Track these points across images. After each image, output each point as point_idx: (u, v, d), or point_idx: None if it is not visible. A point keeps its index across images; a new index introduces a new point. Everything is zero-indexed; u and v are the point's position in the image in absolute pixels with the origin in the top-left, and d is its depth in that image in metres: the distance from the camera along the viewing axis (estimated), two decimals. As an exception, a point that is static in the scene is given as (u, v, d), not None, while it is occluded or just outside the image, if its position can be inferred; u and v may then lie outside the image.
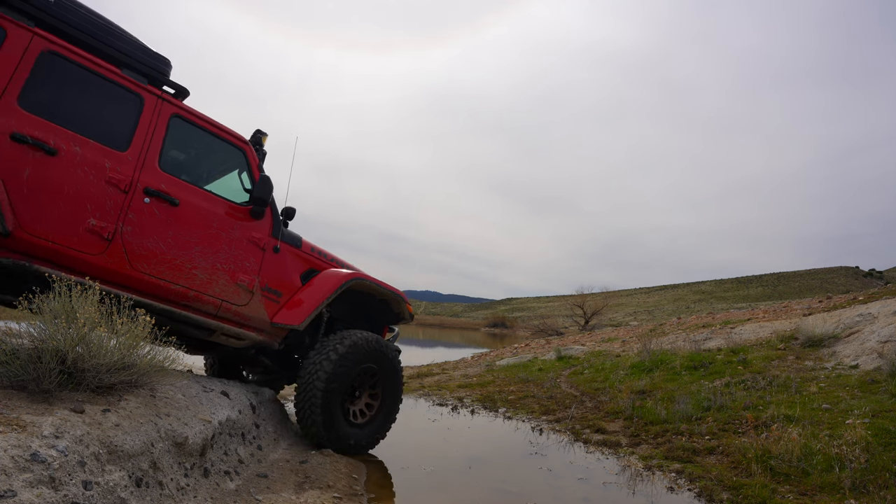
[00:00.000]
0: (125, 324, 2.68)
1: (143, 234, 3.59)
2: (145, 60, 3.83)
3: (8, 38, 3.22)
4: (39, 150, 3.22)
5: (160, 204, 3.67)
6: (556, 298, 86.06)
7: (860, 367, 6.61)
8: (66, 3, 3.52)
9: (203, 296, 3.85)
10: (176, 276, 3.73)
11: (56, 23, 3.47)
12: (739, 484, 3.94)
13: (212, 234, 3.92)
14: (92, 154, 3.43)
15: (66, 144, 3.33)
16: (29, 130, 3.19)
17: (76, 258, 3.34)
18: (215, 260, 3.93)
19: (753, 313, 14.77)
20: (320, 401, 4.18)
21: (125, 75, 3.70)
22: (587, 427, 5.98)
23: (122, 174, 3.53)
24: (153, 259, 3.63)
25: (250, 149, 4.29)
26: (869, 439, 4.20)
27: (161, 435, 2.61)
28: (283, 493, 3.18)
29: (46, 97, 3.34)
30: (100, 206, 3.42)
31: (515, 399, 7.74)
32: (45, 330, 2.48)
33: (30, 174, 3.18)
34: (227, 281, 3.98)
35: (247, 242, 4.11)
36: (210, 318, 3.94)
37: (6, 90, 3.16)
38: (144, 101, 3.77)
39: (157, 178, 3.70)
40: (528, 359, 12.25)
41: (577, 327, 35.09)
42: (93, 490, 2.09)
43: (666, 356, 8.81)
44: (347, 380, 4.35)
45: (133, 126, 3.68)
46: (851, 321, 8.43)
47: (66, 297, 2.57)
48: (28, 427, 2.07)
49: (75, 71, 3.47)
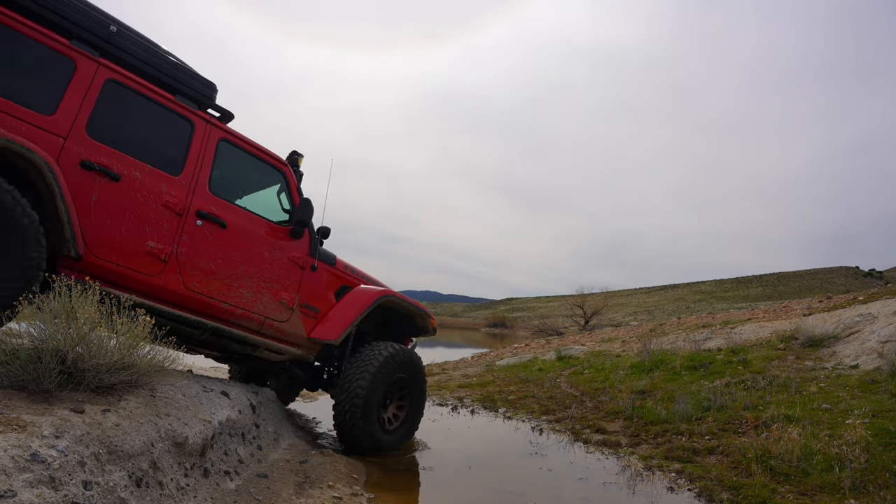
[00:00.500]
0: (125, 324, 2.68)
1: (196, 255, 3.78)
2: (195, 86, 4.02)
3: (78, 69, 3.40)
4: (105, 176, 3.39)
5: (210, 226, 3.87)
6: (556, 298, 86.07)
7: (860, 367, 6.61)
8: (126, 33, 3.70)
9: (248, 313, 4.06)
10: (225, 294, 3.92)
11: (117, 52, 3.65)
12: (739, 484, 3.94)
13: (256, 253, 4.12)
14: (150, 179, 3.61)
15: (128, 170, 3.51)
16: (96, 157, 3.36)
17: (136, 279, 3.52)
18: (260, 278, 4.13)
19: (753, 313, 14.77)
20: (361, 409, 4.42)
21: (179, 101, 3.89)
22: (587, 427, 5.98)
23: (177, 198, 3.72)
24: (204, 278, 3.82)
25: (290, 170, 4.50)
26: (869, 439, 4.20)
27: (161, 435, 2.61)
28: (283, 493, 3.18)
29: (110, 124, 3.51)
30: (157, 228, 3.60)
31: (515, 399, 7.74)
32: (45, 330, 2.48)
33: (96, 199, 3.35)
34: (270, 298, 4.19)
35: (288, 262, 4.33)
36: (255, 335, 4.15)
37: (76, 119, 3.33)
38: (195, 126, 3.95)
39: (208, 201, 3.89)
40: (528, 359, 12.25)
41: (577, 327, 35.09)
42: (93, 490, 2.09)
43: (666, 356, 8.81)
44: (383, 389, 4.62)
45: (186, 151, 3.87)
46: (851, 321, 8.43)
47: (66, 297, 2.57)
48: (28, 427, 2.07)
49: (135, 98, 3.65)
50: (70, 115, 3.31)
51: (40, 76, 3.29)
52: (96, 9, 3.61)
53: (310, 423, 5.61)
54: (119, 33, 3.65)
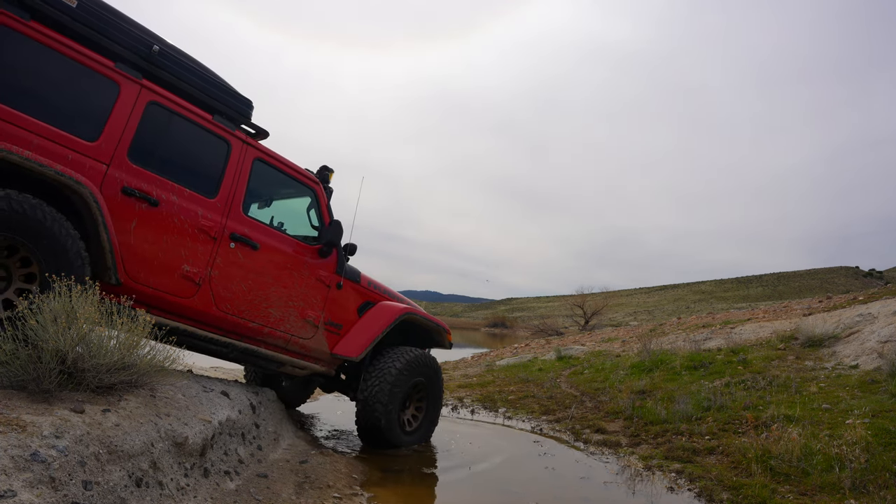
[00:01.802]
0: (125, 324, 2.68)
1: (228, 278, 3.80)
2: (232, 104, 3.96)
3: (121, 93, 3.35)
4: (144, 201, 3.38)
5: (243, 248, 3.88)
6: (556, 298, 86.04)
7: (860, 367, 6.61)
8: (167, 52, 3.64)
9: (276, 331, 4.11)
10: (254, 314, 3.96)
11: (158, 72, 3.58)
12: (739, 484, 3.94)
13: (285, 274, 4.15)
14: (187, 203, 3.60)
15: (166, 194, 3.49)
16: (136, 183, 3.35)
17: (171, 302, 3.55)
18: (288, 298, 4.17)
19: (753, 313, 14.76)
20: (383, 412, 4.56)
21: (216, 122, 3.84)
22: (587, 427, 5.98)
23: (212, 221, 3.72)
24: (236, 300, 3.85)
25: (321, 189, 4.53)
26: (869, 439, 4.20)
27: (161, 435, 2.61)
28: (283, 493, 3.18)
29: (150, 148, 3.49)
30: (192, 252, 3.61)
31: (515, 399, 7.74)
32: (45, 330, 2.48)
33: (136, 225, 3.34)
34: (297, 317, 4.24)
35: (315, 280, 4.36)
36: (281, 353, 4.23)
37: (119, 145, 3.30)
38: (232, 147, 3.91)
39: (242, 223, 3.89)
40: (528, 359, 12.26)
41: (577, 327, 35.08)
42: (93, 490, 2.09)
43: (666, 356, 8.81)
44: (404, 391, 4.76)
45: (222, 172, 3.84)
46: (851, 321, 8.43)
47: (66, 297, 2.57)
48: (28, 427, 2.07)
49: (175, 120, 3.62)
50: (113, 140, 3.29)
51: (85, 101, 3.27)
52: (139, 27, 3.55)
53: (310, 423, 5.61)
54: (161, 53, 3.59)
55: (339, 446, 4.72)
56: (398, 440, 4.74)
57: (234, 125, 3.97)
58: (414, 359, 4.84)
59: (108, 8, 3.40)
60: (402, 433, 4.84)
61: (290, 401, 5.97)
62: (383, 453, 4.67)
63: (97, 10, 3.33)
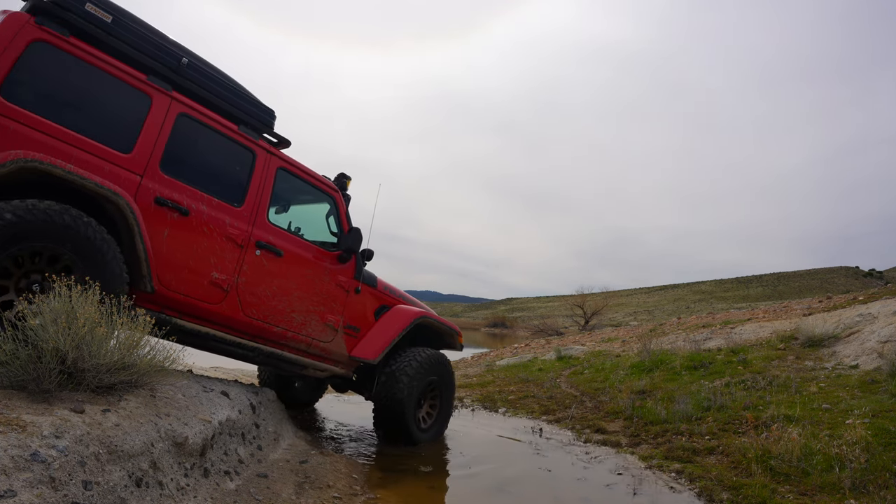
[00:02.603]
0: (125, 324, 2.68)
1: (254, 284, 3.92)
2: (256, 115, 4.08)
3: (153, 105, 3.45)
4: (176, 211, 3.48)
5: (268, 255, 4.00)
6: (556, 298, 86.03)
7: (860, 367, 6.61)
8: (195, 64, 3.75)
9: (298, 335, 4.24)
10: (278, 319, 4.09)
11: (187, 84, 3.69)
12: (739, 484, 3.94)
13: (307, 279, 4.29)
14: (215, 211, 3.71)
15: (196, 204, 3.60)
16: (168, 194, 3.45)
17: (200, 308, 3.67)
18: (309, 303, 4.30)
19: (753, 313, 14.76)
20: (401, 408, 4.72)
21: (242, 132, 3.95)
22: (587, 427, 5.98)
23: (239, 229, 3.83)
24: (261, 305, 3.98)
25: (340, 196, 4.66)
26: (869, 439, 4.20)
27: (161, 435, 2.61)
28: (283, 493, 3.18)
29: (181, 159, 3.59)
30: (220, 260, 3.72)
31: (515, 399, 7.74)
32: (45, 330, 2.48)
33: (168, 235, 3.45)
34: (318, 321, 4.38)
35: (335, 286, 4.51)
36: (303, 356, 4.37)
37: (152, 156, 3.41)
38: (257, 156, 4.03)
39: (266, 230, 4.01)
40: (528, 359, 12.26)
41: (577, 327, 35.07)
42: (93, 490, 2.09)
43: (666, 356, 8.81)
44: (420, 390, 4.93)
45: (248, 182, 3.96)
46: (851, 321, 8.43)
47: (66, 297, 2.57)
48: (28, 427, 2.07)
49: (203, 131, 3.72)
50: (146, 152, 3.38)
51: (120, 113, 3.36)
52: (168, 40, 3.64)
53: (310, 423, 5.61)
54: (189, 65, 3.68)
55: (344, 445, 4.72)
56: (415, 437, 4.87)
57: (258, 135, 4.08)
58: (428, 358, 5.00)
59: (139, 22, 3.50)
60: (418, 430, 4.99)
61: (302, 401, 6.15)
62: (383, 453, 4.67)
63: (130, 25, 3.43)
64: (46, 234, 2.81)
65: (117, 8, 3.40)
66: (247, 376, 7.28)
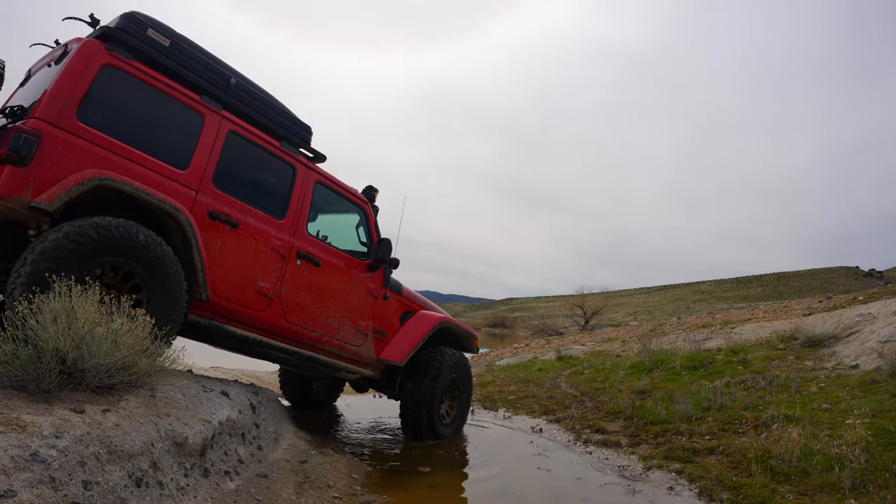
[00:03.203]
0: (125, 324, 2.68)
1: (295, 292, 4.16)
2: (295, 131, 4.31)
3: (206, 124, 3.67)
4: (227, 224, 3.71)
5: (308, 265, 4.26)
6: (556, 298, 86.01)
7: (860, 367, 6.61)
8: (242, 84, 3.96)
9: (333, 340, 4.51)
10: (315, 324, 4.34)
11: (234, 102, 3.90)
12: (739, 484, 3.94)
13: (341, 287, 4.55)
14: (261, 224, 3.94)
15: (244, 217, 3.83)
16: (220, 208, 3.67)
17: (247, 314, 3.89)
18: (343, 309, 4.57)
19: (753, 313, 14.76)
20: (426, 407, 5.10)
21: (283, 148, 4.19)
22: (587, 427, 5.97)
23: (282, 240, 4.07)
24: (301, 312, 4.22)
25: (370, 208, 4.92)
26: (869, 439, 4.20)
27: (161, 435, 2.61)
28: (283, 493, 3.18)
29: (230, 174, 3.81)
30: (266, 269, 3.96)
31: (515, 399, 7.74)
32: (45, 330, 2.48)
33: (219, 246, 3.67)
34: (350, 326, 4.64)
35: (365, 293, 4.78)
36: (337, 359, 4.64)
37: (205, 172, 3.62)
38: (297, 171, 4.27)
39: (306, 241, 4.27)
40: (528, 359, 12.26)
41: (577, 327, 35.06)
42: (93, 490, 2.09)
43: (666, 356, 8.81)
44: (442, 388, 5.25)
45: (289, 195, 4.20)
46: (851, 321, 8.43)
47: (66, 297, 2.57)
48: (28, 427, 2.07)
49: (249, 148, 3.95)
50: (200, 168, 3.60)
51: (177, 132, 3.56)
52: (218, 61, 3.85)
53: (310, 423, 5.61)
54: (237, 85, 3.89)
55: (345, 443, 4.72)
56: (439, 432, 5.23)
57: (297, 150, 4.32)
58: (450, 359, 5.35)
59: (192, 44, 3.72)
60: (441, 426, 5.31)
61: (321, 402, 6.44)
62: (383, 454, 4.68)
63: (184, 47, 3.65)
64: (123, 250, 3.04)
65: (173, 32, 3.61)
66: (247, 376, 7.29)
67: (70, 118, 3.05)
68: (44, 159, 2.92)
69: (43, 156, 2.92)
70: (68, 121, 3.04)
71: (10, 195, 2.82)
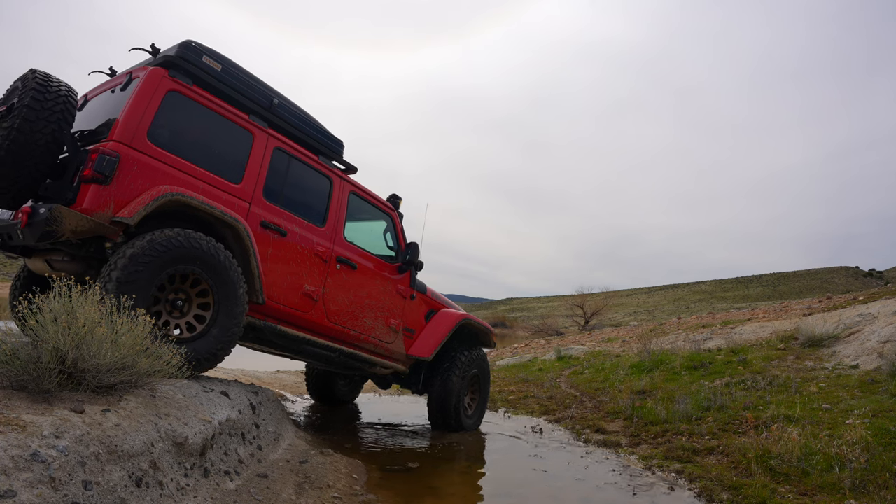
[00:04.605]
0: (125, 324, 2.68)
1: (336, 293, 4.52)
2: (329, 145, 4.67)
3: (255, 141, 4.00)
4: (277, 233, 4.04)
5: (346, 268, 4.62)
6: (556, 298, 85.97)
7: (860, 367, 6.62)
8: (283, 104, 4.29)
9: (368, 337, 4.87)
10: (354, 323, 4.71)
11: (277, 120, 4.24)
12: (739, 484, 3.94)
13: (375, 288, 4.93)
14: (305, 232, 4.28)
15: (291, 226, 4.17)
16: (270, 218, 4.02)
17: (295, 316, 4.23)
18: (377, 308, 4.94)
19: (753, 313, 14.76)
20: (454, 401, 5.54)
21: (321, 162, 4.54)
22: (587, 427, 5.98)
23: (324, 247, 4.43)
24: (341, 312, 4.58)
25: (396, 215, 5.33)
26: (869, 439, 4.20)
27: (161, 435, 2.61)
28: (283, 493, 3.18)
29: (277, 187, 4.14)
30: (311, 274, 4.30)
31: (515, 399, 7.74)
32: (45, 330, 2.48)
33: (271, 253, 4.00)
34: (383, 324, 5.01)
35: (395, 293, 5.16)
36: (372, 355, 4.99)
37: (256, 185, 3.96)
38: (333, 182, 4.62)
39: (343, 247, 4.63)
40: (528, 359, 12.26)
41: (577, 327, 35.06)
42: (93, 490, 2.09)
43: (666, 356, 8.81)
44: (468, 382, 5.76)
45: (327, 205, 4.55)
46: (851, 321, 8.43)
47: (66, 297, 2.57)
48: (28, 427, 2.07)
49: (292, 162, 4.28)
50: (252, 181, 3.93)
51: (231, 149, 3.88)
52: (261, 83, 4.18)
53: (310, 423, 5.61)
54: (279, 104, 4.23)
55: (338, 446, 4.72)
56: (463, 423, 5.67)
57: (331, 163, 4.66)
58: (472, 354, 5.80)
59: (239, 68, 4.04)
60: (465, 417, 5.73)
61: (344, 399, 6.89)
62: (382, 454, 4.68)
63: (233, 71, 3.97)
64: (196, 258, 3.36)
65: (223, 57, 3.93)
66: (246, 376, 7.29)
67: (142, 140, 3.37)
68: (122, 178, 3.24)
69: (121, 175, 3.23)
70: (141, 142, 3.36)
71: (96, 211, 3.15)
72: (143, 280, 3.14)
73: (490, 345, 6.39)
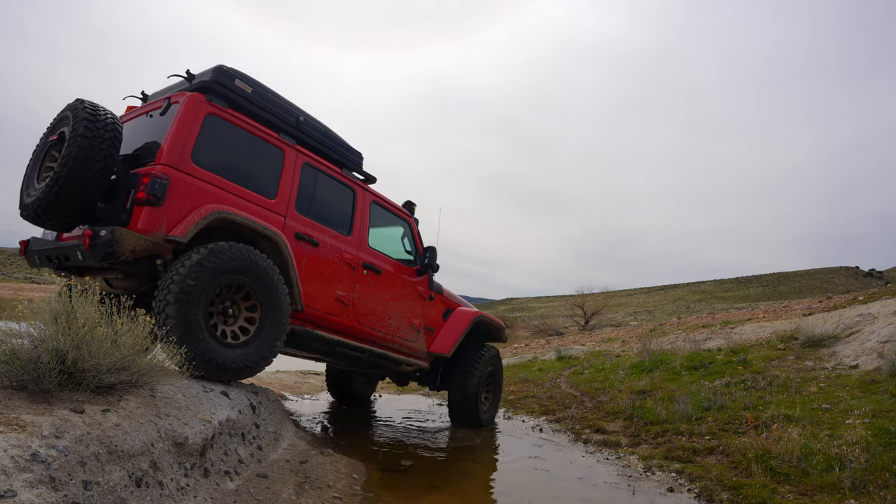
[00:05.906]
0: (125, 324, 2.68)
1: (364, 298, 4.77)
2: (350, 158, 4.91)
3: (286, 157, 4.23)
4: (309, 243, 4.28)
5: (372, 274, 4.88)
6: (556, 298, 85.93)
7: (860, 367, 6.61)
8: (308, 121, 4.52)
9: (394, 337, 5.14)
10: (380, 325, 4.97)
11: (303, 137, 4.48)
12: (739, 484, 3.94)
13: (398, 291, 5.20)
14: (334, 241, 4.53)
15: (322, 236, 4.41)
16: (303, 230, 4.26)
17: (328, 320, 4.48)
18: (400, 310, 5.21)
19: (753, 313, 14.76)
20: (473, 397, 5.87)
21: (344, 174, 4.79)
22: (587, 427, 5.98)
23: (351, 255, 4.68)
24: (369, 315, 4.84)
25: (413, 221, 5.62)
26: (869, 439, 4.20)
27: (161, 435, 2.60)
28: (283, 493, 3.18)
29: (308, 200, 4.37)
30: (341, 280, 4.55)
31: (515, 399, 7.74)
32: (45, 330, 2.48)
33: (305, 263, 4.23)
34: (406, 325, 5.28)
35: (416, 295, 5.45)
36: (398, 354, 5.26)
37: (290, 200, 4.19)
38: (357, 193, 4.87)
39: (368, 254, 4.89)
40: (528, 359, 12.26)
41: (577, 327, 35.04)
42: (93, 490, 2.09)
43: (666, 356, 8.81)
44: (485, 379, 6.05)
45: (352, 215, 4.81)
46: (851, 321, 8.43)
47: (66, 297, 2.57)
48: (28, 427, 2.07)
49: (319, 176, 4.51)
50: (285, 196, 4.16)
51: (264, 166, 4.09)
52: (288, 102, 4.40)
53: (310, 423, 5.61)
54: (305, 122, 4.46)
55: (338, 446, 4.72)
56: (481, 418, 5.96)
57: (352, 174, 4.90)
58: (488, 352, 6.11)
59: (267, 89, 4.24)
60: (482, 413, 6.01)
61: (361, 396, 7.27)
62: (382, 453, 4.67)
63: (263, 92, 4.19)
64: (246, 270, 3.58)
65: (252, 80, 4.14)
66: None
67: (187, 162, 3.58)
68: (172, 199, 3.44)
69: (171, 196, 3.44)
70: (186, 164, 3.57)
71: (151, 231, 3.35)
72: (202, 286, 3.36)
73: (502, 339, 6.67)
